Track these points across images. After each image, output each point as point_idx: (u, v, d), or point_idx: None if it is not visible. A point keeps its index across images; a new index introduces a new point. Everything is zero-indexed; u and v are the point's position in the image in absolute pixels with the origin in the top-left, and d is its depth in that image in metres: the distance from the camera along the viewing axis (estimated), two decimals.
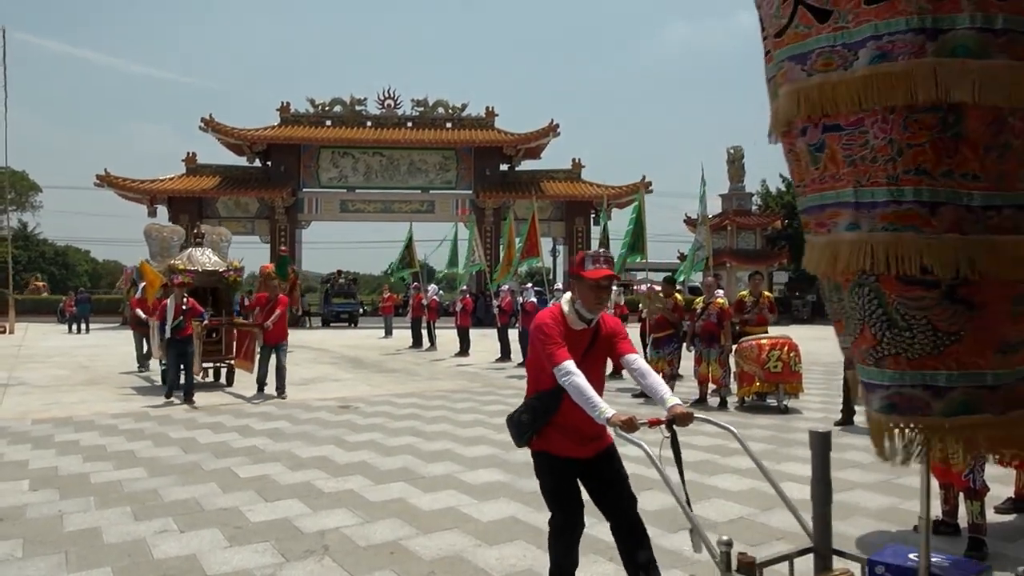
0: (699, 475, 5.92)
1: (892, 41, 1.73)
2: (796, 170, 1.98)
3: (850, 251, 1.79)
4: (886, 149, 1.74)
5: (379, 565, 4.09)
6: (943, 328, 1.70)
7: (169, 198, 32.78)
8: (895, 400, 1.82)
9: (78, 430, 8.15)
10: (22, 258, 52.05)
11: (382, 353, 18.29)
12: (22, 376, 13.38)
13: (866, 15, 1.77)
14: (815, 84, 1.85)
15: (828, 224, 1.90)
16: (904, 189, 1.72)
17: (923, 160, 1.70)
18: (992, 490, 4.41)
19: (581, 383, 3.02)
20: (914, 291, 1.71)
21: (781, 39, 1.96)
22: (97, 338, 24.06)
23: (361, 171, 34.69)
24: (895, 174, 1.73)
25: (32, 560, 4.19)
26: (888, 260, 1.72)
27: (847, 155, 1.81)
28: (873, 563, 2.17)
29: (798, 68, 1.90)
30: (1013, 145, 1.68)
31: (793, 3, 1.91)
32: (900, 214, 1.73)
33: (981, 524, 4.15)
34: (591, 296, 3.22)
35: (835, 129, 1.84)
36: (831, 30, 1.85)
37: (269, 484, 5.80)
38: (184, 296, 10.30)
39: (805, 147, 1.92)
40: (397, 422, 8.61)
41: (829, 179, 1.88)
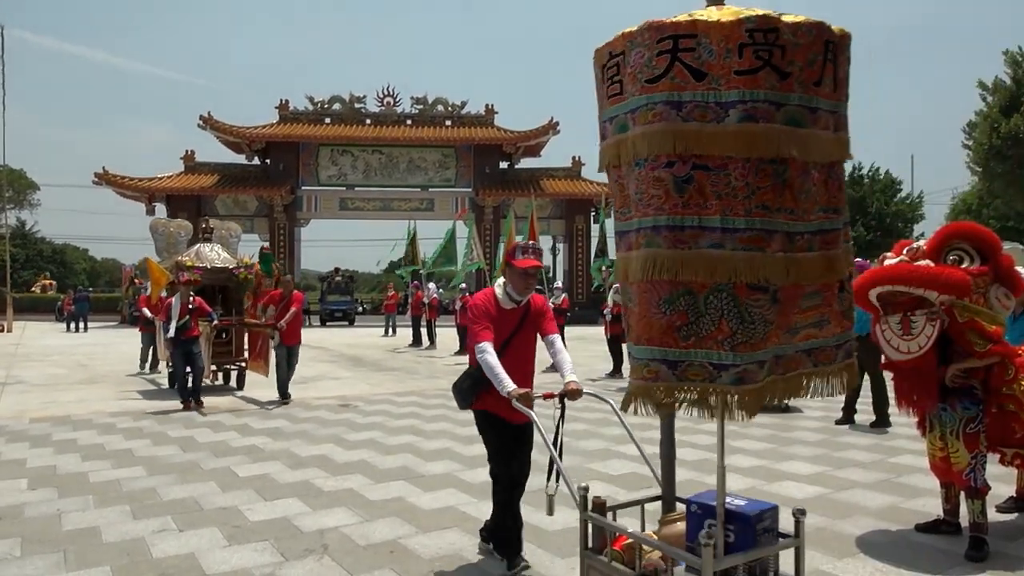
0: (700, 473, 5.91)
1: (755, 107, 2.29)
2: (651, 192, 2.45)
3: (718, 265, 2.36)
4: (743, 189, 2.33)
5: (378, 564, 4.08)
6: (770, 320, 2.37)
7: (167, 196, 32.70)
8: (742, 375, 2.40)
9: (76, 429, 8.14)
10: (20, 256, 51.97)
11: (382, 351, 18.28)
12: (20, 375, 13.36)
13: (735, 83, 2.30)
14: (692, 129, 2.34)
15: (688, 242, 2.40)
16: (754, 219, 2.34)
17: (766, 199, 2.33)
18: (993, 489, 4.39)
19: (492, 361, 3.62)
20: (756, 295, 2.35)
21: (655, 85, 2.39)
22: (95, 337, 24.02)
23: (360, 169, 34.64)
24: (749, 208, 2.34)
25: (31, 559, 4.17)
26: (743, 273, 2.34)
27: (714, 191, 2.36)
28: (690, 503, 2.79)
29: (673, 112, 2.37)
30: (811, 190, 2.41)
31: (670, 58, 2.35)
32: (751, 238, 2.34)
33: (982, 523, 4.14)
34: (520, 282, 3.83)
35: (704, 168, 2.36)
36: (705, 89, 2.34)
37: (268, 483, 5.79)
38: (191, 295, 9.85)
39: (670, 177, 2.40)
40: (397, 421, 8.59)
41: (694, 206, 2.39)
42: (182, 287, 9.91)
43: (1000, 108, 26.99)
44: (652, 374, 2.56)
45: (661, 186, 2.42)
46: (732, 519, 2.67)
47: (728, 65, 2.30)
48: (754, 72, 2.29)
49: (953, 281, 3.94)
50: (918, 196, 39.47)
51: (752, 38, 2.28)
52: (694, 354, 2.45)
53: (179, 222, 15.23)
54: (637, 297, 2.55)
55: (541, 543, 4.38)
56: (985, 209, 32.91)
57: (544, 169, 36.10)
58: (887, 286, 4.09)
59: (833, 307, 2.54)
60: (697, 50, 2.33)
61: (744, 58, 2.28)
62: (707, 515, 2.67)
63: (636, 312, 2.57)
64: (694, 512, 2.75)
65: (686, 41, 2.34)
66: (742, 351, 2.37)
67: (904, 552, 4.17)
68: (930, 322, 4.02)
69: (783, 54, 2.29)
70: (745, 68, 2.29)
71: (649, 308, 2.49)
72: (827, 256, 2.45)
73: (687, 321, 2.43)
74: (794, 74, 2.31)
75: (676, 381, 2.52)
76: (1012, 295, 4.20)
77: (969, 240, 4.22)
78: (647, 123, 2.42)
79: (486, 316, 3.78)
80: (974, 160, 28.69)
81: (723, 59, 2.30)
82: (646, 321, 2.52)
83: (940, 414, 4.26)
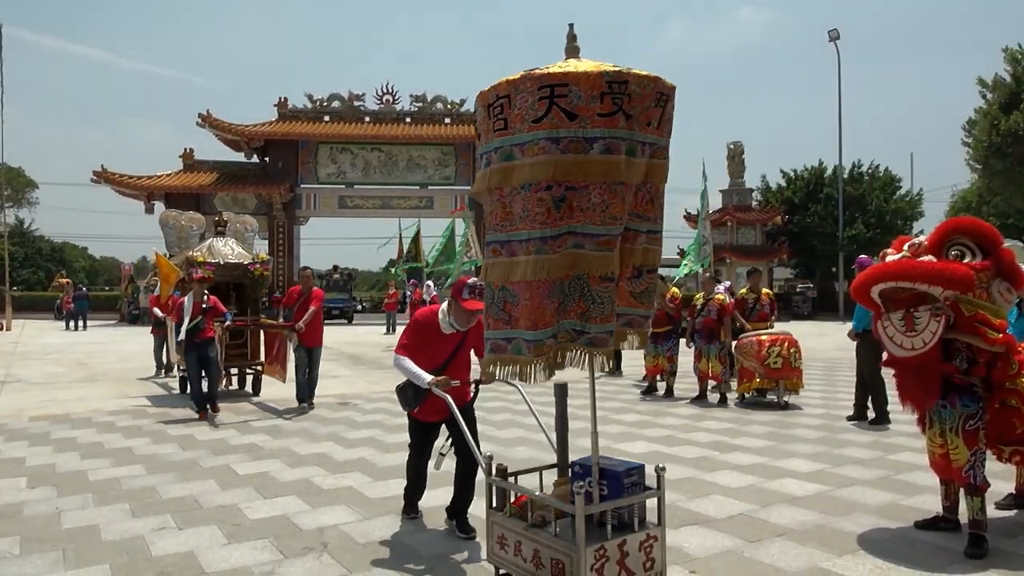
0: (699, 471, 5.91)
1: (612, 142, 2.90)
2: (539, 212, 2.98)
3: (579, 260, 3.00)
4: (600, 204, 2.95)
5: (378, 562, 4.07)
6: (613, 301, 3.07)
7: (166, 194, 32.67)
8: (593, 340, 3.05)
9: (75, 427, 8.13)
10: (19, 255, 51.93)
11: (381, 350, 18.26)
12: (19, 373, 13.35)
13: (598, 123, 2.89)
14: (568, 160, 2.91)
15: (562, 246, 2.98)
16: (605, 227, 2.96)
17: (616, 211, 2.96)
18: (993, 486, 4.39)
19: (406, 364, 4.23)
20: (604, 283, 3.01)
21: (539, 124, 2.92)
22: (95, 335, 23.99)
23: (359, 167, 34.62)
24: (604, 218, 2.95)
25: (30, 557, 4.17)
26: (598, 268, 2.99)
27: (579, 205, 2.96)
28: (572, 464, 3.43)
29: (554, 147, 2.91)
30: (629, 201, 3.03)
31: (549, 103, 2.89)
32: (603, 242, 2.98)
33: (982, 520, 4.14)
34: (463, 319, 4.27)
35: (573, 189, 2.95)
36: (576, 127, 2.90)
37: (268, 481, 5.78)
38: (205, 293, 9.02)
39: (550, 197, 2.95)
40: (396, 419, 8.58)
41: (567, 219, 2.97)
42: (196, 285, 9.09)
43: (1000, 105, 26.99)
44: (549, 347, 3.13)
45: (543, 205, 2.96)
46: (605, 476, 3.31)
47: (593, 108, 2.87)
48: (612, 115, 2.89)
49: (957, 277, 3.93)
50: (917, 193, 39.44)
51: (611, 88, 2.86)
52: (565, 324, 3.08)
53: (191, 215, 13.90)
54: (527, 293, 3.05)
55: None
56: (985, 206, 32.90)
57: None
58: (891, 282, 4.08)
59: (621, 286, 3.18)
60: (569, 96, 2.87)
61: (604, 104, 2.87)
62: (586, 474, 3.31)
63: (528, 305, 3.05)
64: (576, 472, 3.39)
65: (560, 89, 2.88)
66: (593, 323, 3.03)
67: (903, 549, 4.17)
68: (935, 318, 4.01)
69: (629, 101, 2.90)
70: (606, 111, 2.88)
71: (542, 299, 3.02)
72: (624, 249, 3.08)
73: (560, 301, 3.05)
74: (634, 116, 2.92)
75: (555, 343, 3.12)
76: (1014, 289, 4.19)
77: (970, 235, 4.21)
78: (534, 155, 2.94)
79: (417, 334, 4.34)
80: (974, 157, 28.70)
81: (589, 103, 2.87)
82: (541, 310, 3.03)
83: (940, 411, 4.26)
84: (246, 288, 11.10)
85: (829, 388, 10.83)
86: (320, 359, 9.39)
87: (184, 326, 8.64)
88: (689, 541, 4.31)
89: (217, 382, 9.06)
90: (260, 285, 11.04)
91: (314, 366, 9.21)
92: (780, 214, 35.60)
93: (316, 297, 9.12)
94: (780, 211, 35.83)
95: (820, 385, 11.08)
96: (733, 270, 31.49)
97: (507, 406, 9.05)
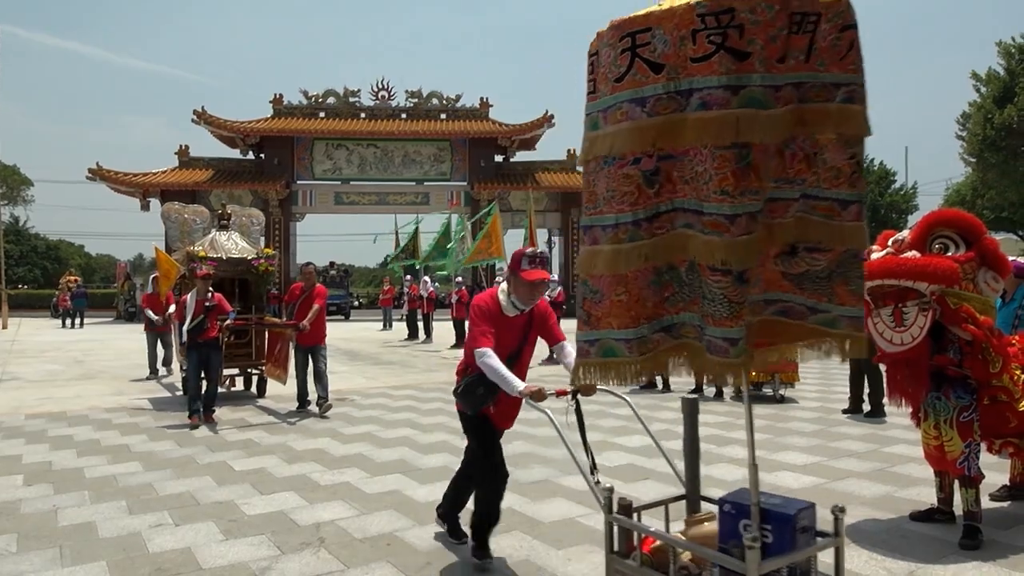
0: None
1: (709, 94, 2.25)
2: (627, 191, 2.48)
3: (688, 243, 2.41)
4: (703, 175, 2.31)
5: (375, 557, 4.08)
6: (735, 301, 2.34)
7: (162, 191, 32.52)
8: (709, 346, 2.43)
9: (72, 425, 8.13)
10: (14, 253, 51.79)
11: (378, 345, 18.27)
12: (15, 371, 13.33)
13: (691, 71, 2.28)
14: (656, 123, 2.35)
15: (667, 226, 2.45)
16: (712, 204, 2.30)
17: (725, 184, 2.26)
18: (987, 478, 4.42)
19: (495, 364, 3.50)
20: (716, 276, 2.34)
21: (620, 84, 2.41)
22: (91, 333, 23.96)
23: (355, 163, 34.56)
24: (708, 193, 2.30)
25: (27, 555, 4.17)
26: (703, 255, 2.35)
27: (681, 176, 2.40)
28: (723, 502, 2.66)
29: (639, 109, 2.37)
30: (769, 166, 2.33)
31: (631, 56, 2.37)
32: (711, 223, 2.32)
33: (976, 512, 4.16)
34: (525, 293, 3.69)
35: (669, 158, 2.39)
36: (665, 80, 2.33)
37: (265, 477, 5.79)
38: (209, 290, 8.56)
39: (639, 173, 2.43)
40: (393, 414, 8.60)
41: (666, 193, 2.43)
42: (199, 282, 8.60)
43: (994, 99, 27.05)
44: (655, 344, 2.60)
45: (631, 182, 2.45)
46: (769, 519, 2.52)
47: (683, 53, 2.28)
48: (707, 58, 2.24)
49: (941, 271, 3.96)
50: (912, 187, 39.53)
51: (704, 23, 2.23)
52: (683, 316, 2.55)
53: (195, 208, 13.14)
54: (617, 287, 2.56)
55: (537, 534, 4.39)
56: (979, 200, 32.95)
57: (539, 162, 36.05)
58: (876, 280, 4.10)
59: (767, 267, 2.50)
60: (652, 43, 2.33)
61: (698, 44, 2.24)
62: (741, 515, 2.56)
63: (618, 300, 2.56)
64: (727, 512, 2.62)
65: (642, 36, 2.34)
66: (708, 324, 2.41)
67: (898, 541, 4.19)
68: (922, 313, 4.03)
69: (740, 34, 2.21)
70: (699, 55, 2.25)
71: (641, 290, 2.53)
72: (768, 225, 2.39)
73: (674, 291, 2.53)
74: (754, 53, 2.21)
75: (674, 340, 2.59)
76: (1000, 278, 4.21)
77: (952, 227, 4.22)
78: (616, 122, 2.44)
79: (487, 320, 3.67)
80: (968, 151, 28.77)
81: (678, 48, 2.28)
82: (641, 303, 2.54)
83: (934, 403, 4.28)
84: (250, 284, 10.57)
85: (825, 381, 10.86)
86: (326, 356, 8.94)
87: (186, 325, 8.28)
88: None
89: (216, 387, 8.58)
90: (265, 281, 10.58)
91: (320, 367, 8.70)
92: None
93: (319, 295, 8.74)
94: None
95: (816, 378, 11.12)
96: None
97: None
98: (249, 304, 10.39)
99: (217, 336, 8.46)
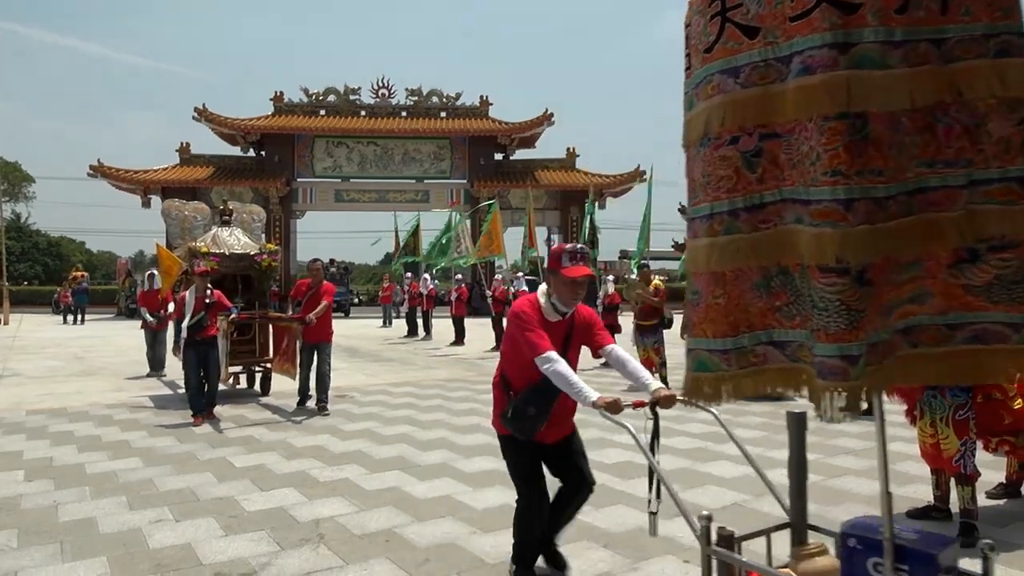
0: (693, 462, 5.95)
1: (812, 56, 1.89)
2: (724, 175, 2.14)
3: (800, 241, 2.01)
4: (809, 154, 1.93)
5: (374, 553, 4.10)
6: (855, 308, 1.92)
7: (163, 188, 32.55)
8: (820, 367, 2.02)
9: (72, 420, 8.15)
10: (15, 249, 51.80)
11: (378, 342, 18.29)
12: (16, 367, 13.35)
13: (790, 31, 1.94)
14: (752, 96, 2.03)
15: (774, 219, 2.09)
16: (823, 189, 1.91)
17: (837, 162, 1.88)
18: (983, 475, 4.44)
19: (564, 370, 3.12)
20: (830, 278, 1.93)
21: (710, 54, 2.11)
22: (92, 329, 23.98)
23: (355, 161, 34.55)
24: (816, 176, 1.92)
25: (27, 550, 4.19)
26: (813, 252, 1.95)
27: (788, 158, 2.02)
28: (846, 536, 2.26)
29: (731, 81, 2.06)
30: (904, 142, 1.91)
31: (720, 21, 2.07)
32: (820, 211, 1.92)
33: (972, 509, 4.18)
34: (567, 292, 3.32)
35: (774, 136, 2.03)
36: (762, 45, 2.01)
37: (264, 473, 5.81)
38: (208, 287, 8.37)
39: (737, 154, 2.09)
40: (393, 411, 8.62)
41: (771, 180, 2.07)
42: (198, 278, 8.41)
43: None
44: (759, 358, 2.26)
45: (729, 165, 2.12)
46: (905, 557, 2.13)
47: (781, 13, 1.95)
48: (807, 13, 1.88)
49: None
50: None
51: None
52: (799, 334, 2.12)
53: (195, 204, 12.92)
54: (715, 288, 2.23)
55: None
56: None
57: (539, 160, 36.05)
58: None
59: (939, 279, 2.00)
60: (744, 4, 2.03)
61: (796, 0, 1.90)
62: (871, 552, 2.19)
63: (716, 305, 2.24)
64: (853, 547, 2.26)
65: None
66: (817, 340, 2.00)
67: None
68: None
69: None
70: (798, 11, 1.91)
71: (743, 294, 2.19)
72: (928, 220, 1.93)
73: (787, 301, 2.13)
74: (865, 3, 1.85)
75: (789, 362, 2.20)
76: None
77: None
78: (707, 97, 2.13)
79: (536, 324, 3.28)
80: None
81: (774, 7, 1.97)
82: (743, 308, 2.21)
83: (930, 401, 4.30)
84: (253, 280, 10.45)
85: None
86: (331, 356, 8.75)
87: (185, 323, 8.12)
88: (684, 532, 4.33)
89: (217, 384, 8.43)
90: (268, 277, 10.43)
91: (324, 366, 8.55)
92: None
93: (327, 291, 8.57)
94: None
95: None
96: None
97: None
98: (252, 300, 10.33)
99: (216, 334, 8.34)
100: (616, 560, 3.94)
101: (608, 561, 3.92)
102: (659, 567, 3.85)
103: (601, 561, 3.92)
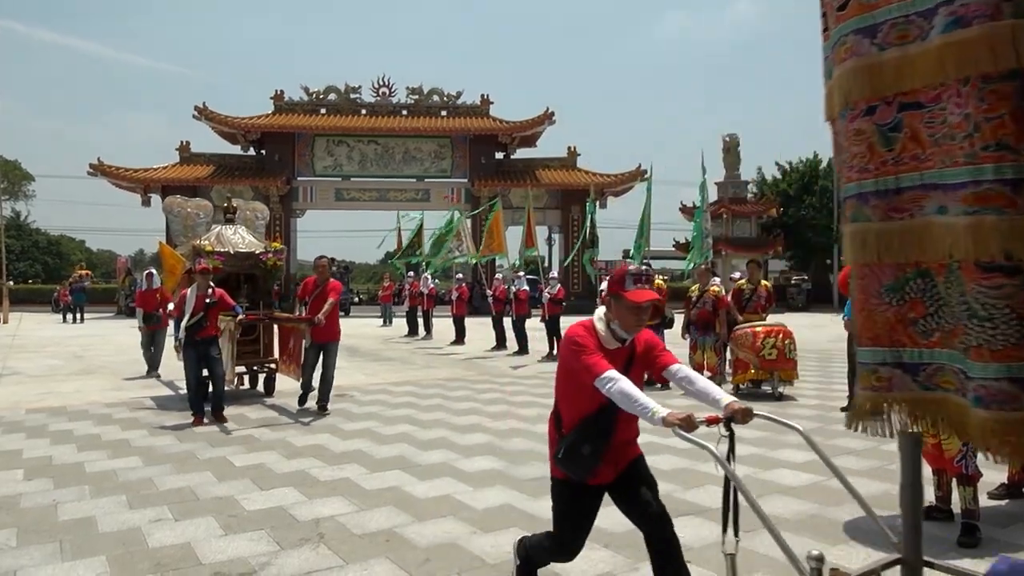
0: (694, 462, 5.92)
1: (965, 4, 1.59)
2: (857, 152, 1.86)
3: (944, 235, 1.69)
4: (963, 125, 1.61)
5: (374, 553, 4.09)
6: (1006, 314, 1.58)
7: (163, 187, 32.55)
8: (980, 393, 1.66)
9: (72, 419, 8.14)
10: (15, 247, 51.81)
11: (378, 341, 18.28)
12: (16, 366, 13.34)
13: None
14: (891, 59, 1.74)
15: (910, 208, 1.78)
16: (984, 167, 1.59)
17: (1003, 133, 1.55)
18: (985, 476, 4.42)
19: (628, 388, 2.80)
20: (993, 278, 1.59)
21: (844, 12, 1.84)
22: (92, 328, 23.97)
23: (356, 159, 34.56)
24: (973, 151, 1.60)
25: (27, 549, 4.18)
26: (968, 246, 1.62)
27: (931, 134, 1.71)
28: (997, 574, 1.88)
29: (867, 42, 1.78)
30: None
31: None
32: (980, 195, 1.60)
33: (974, 510, 4.17)
34: (630, 318, 2.98)
35: (915, 107, 1.73)
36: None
37: (264, 473, 5.80)
38: (210, 285, 8.11)
39: (873, 127, 1.81)
40: (393, 410, 8.60)
41: (909, 160, 1.77)
42: (199, 277, 8.14)
43: None
44: (883, 382, 1.97)
45: (863, 140, 1.83)
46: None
47: None
48: None
49: None
50: None
51: None
52: (940, 355, 1.79)
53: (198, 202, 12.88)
54: (855, 283, 1.97)
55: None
56: None
57: (540, 159, 36.06)
58: None
59: None
60: None
61: None
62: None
63: (856, 303, 1.98)
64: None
65: None
66: (975, 359, 1.66)
67: (897, 538, 4.19)
68: None
69: None
70: None
71: (868, 297, 1.90)
72: None
73: (925, 312, 1.80)
74: None
75: (920, 390, 1.88)
76: None
77: None
78: (841, 62, 1.87)
79: (595, 345, 2.97)
80: None
81: None
82: (867, 314, 1.93)
83: None
84: (257, 279, 10.11)
85: (823, 379, 10.86)
86: (336, 357, 8.59)
87: (184, 322, 7.93)
88: (684, 532, 4.29)
89: (222, 385, 8.17)
90: (273, 276, 10.14)
91: (329, 366, 8.40)
92: (775, 206, 35.66)
93: (334, 289, 8.34)
94: (775, 203, 35.89)
95: (815, 376, 11.12)
96: (729, 263, 31.53)
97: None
98: (257, 300, 10.06)
99: (217, 334, 8.23)
100: (617, 560, 3.92)
101: (609, 561, 3.90)
102: None
103: (602, 561, 3.91)
